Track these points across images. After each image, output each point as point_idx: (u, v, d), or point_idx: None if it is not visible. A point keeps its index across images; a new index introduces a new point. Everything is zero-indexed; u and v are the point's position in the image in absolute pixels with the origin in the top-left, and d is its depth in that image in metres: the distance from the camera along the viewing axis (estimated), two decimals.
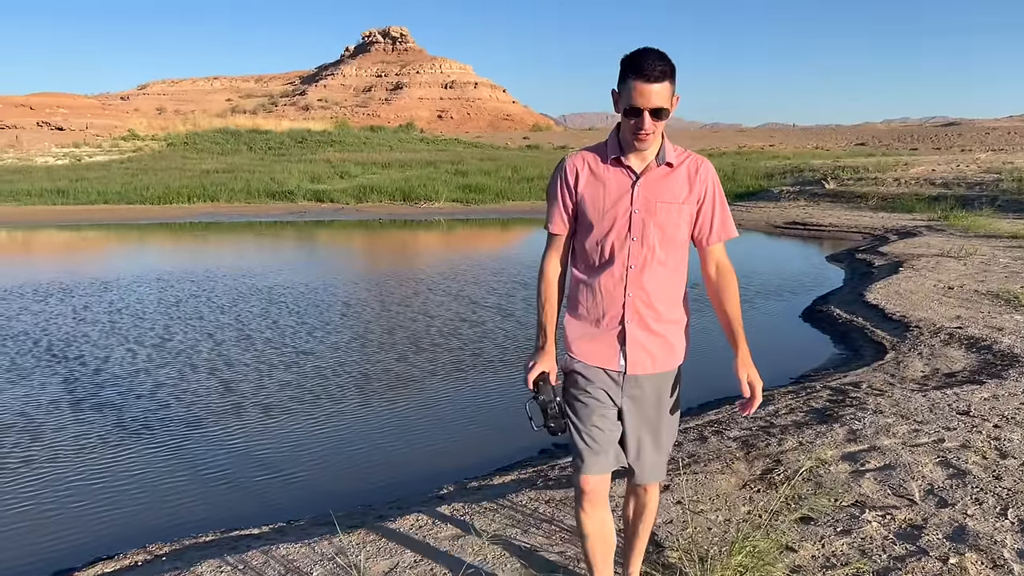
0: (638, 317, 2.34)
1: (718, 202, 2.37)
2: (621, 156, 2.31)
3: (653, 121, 2.19)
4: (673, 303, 2.39)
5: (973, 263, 10.83)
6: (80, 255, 16.97)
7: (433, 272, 12.97)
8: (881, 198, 21.46)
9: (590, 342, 2.39)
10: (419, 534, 3.44)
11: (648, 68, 2.13)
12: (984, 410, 4.80)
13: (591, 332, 2.39)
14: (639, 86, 2.15)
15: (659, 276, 2.33)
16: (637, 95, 2.15)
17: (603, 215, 2.32)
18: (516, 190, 27.66)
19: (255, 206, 25.99)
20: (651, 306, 2.34)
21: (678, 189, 2.32)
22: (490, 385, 6.67)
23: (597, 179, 2.34)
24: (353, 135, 55.31)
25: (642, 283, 2.32)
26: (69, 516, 4.35)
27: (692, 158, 2.37)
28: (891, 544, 3.16)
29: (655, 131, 2.22)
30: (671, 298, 2.38)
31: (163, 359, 7.46)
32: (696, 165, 2.35)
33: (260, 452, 5.26)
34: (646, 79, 2.13)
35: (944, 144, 57.52)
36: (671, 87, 2.19)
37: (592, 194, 2.34)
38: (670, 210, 2.30)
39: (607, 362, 2.36)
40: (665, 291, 2.35)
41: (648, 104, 2.16)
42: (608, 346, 2.37)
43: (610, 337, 2.36)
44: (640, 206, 2.29)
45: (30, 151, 43.27)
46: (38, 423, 5.74)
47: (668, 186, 2.31)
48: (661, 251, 2.31)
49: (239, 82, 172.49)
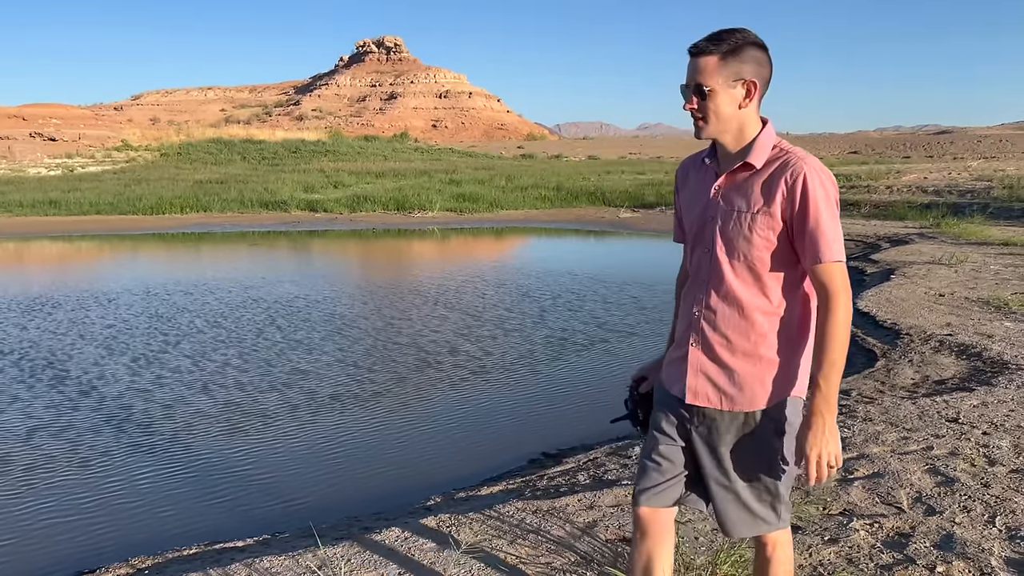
0: (703, 341, 2.04)
1: (813, 214, 1.89)
2: (713, 154, 2.05)
3: (698, 101, 1.93)
4: (751, 336, 1.99)
5: (964, 270, 10.85)
6: (71, 266, 16.90)
7: (423, 283, 12.94)
8: (873, 206, 21.53)
9: (669, 362, 2.18)
10: (404, 546, 3.41)
11: (695, 43, 1.94)
12: (973, 417, 4.79)
13: (674, 350, 2.17)
14: (688, 64, 1.95)
15: (730, 300, 1.99)
16: (687, 71, 1.96)
17: (687, 220, 2.11)
18: (510, 199, 27.64)
19: (248, 216, 25.94)
20: (718, 331, 2.01)
21: (756, 195, 1.94)
22: (478, 395, 6.64)
23: (690, 180, 2.14)
24: (347, 145, 55.31)
25: (709, 303, 2.01)
26: (50, 529, 4.30)
27: (787, 158, 1.94)
28: (879, 552, 3.14)
29: (705, 115, 1.94)
30: (747, 330, 1.99)
31: (147, 372, 7.41)
32: (789, 167, 1.92)
33: (244, 464, 5.21)
34: (689, 55, 1.95)
35: (936, 152, 57.84)
36: (722, 65, 1.90)
37: (686, 197, 2.14)
38: (739, 220, 1.95)
39: (673, 385, 2.12)
40: (736, 319, 1.99)
41: (690, 80, 1.94)
42: (676, 369, 2.12)
43: (680, 359, 2.10)
44: (712, 213, 2.01)
45: (22, 162, 43.17)
46: (19, 436, 5.69)
47: (745, 191, 1.96)
48: (732, 269, 1.97)
49: (233, 92, 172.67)
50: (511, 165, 45.37)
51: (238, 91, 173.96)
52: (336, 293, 11.87)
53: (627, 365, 7.48)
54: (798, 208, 1.90)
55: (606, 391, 6.61)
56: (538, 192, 28.75)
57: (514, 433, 5.74)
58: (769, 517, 2.07)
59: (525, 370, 7.32)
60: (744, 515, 2.07)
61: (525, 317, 9.67)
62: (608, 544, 3.35)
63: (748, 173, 1.97)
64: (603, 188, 28.19)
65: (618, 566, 3.10)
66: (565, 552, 3.28)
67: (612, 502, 3.81)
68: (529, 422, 5.99)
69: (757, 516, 2.07)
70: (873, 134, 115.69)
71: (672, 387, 2.13)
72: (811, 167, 1.91)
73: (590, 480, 4.28)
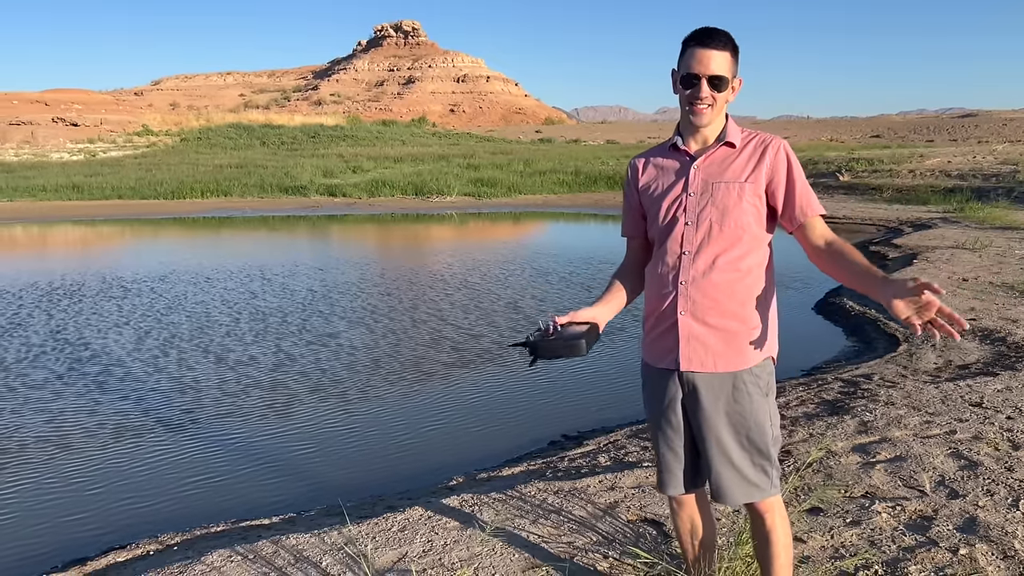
0: (692, 307, 2.13)
1: (799, 178, 2.15)
2: (679, 142, 2.21)
3: (711, 91, 2.08)
4: (737, 296, 2.13)
5: (988, 255, 10.73)
6: (95, 250, 17.10)
7: (446, 266, 12.99)
8: (896, 190, 21.30)
9: (652, 340, 2.25)
10: (428, 524, 3.46)
11: (708, 35, 2.07)
12: (997, 402, 4.77)
13: (654, 329, 2.24)
14: (697, 52, 2.07)
15: (719, 265, 2.12)
16: (695, 61, 2.07)
17: (660, 202, 2.21)
18: (528, 184, 27.63)
19: (268, 201, 26.09)
20: (708, 296, 2.12)
21: (740, 167, 2.14)
22: (499, 378, 6.68)
23: (655, 169, 2.27)
24: (365, 130, 55.44)
25: (697, 271, 2.13)
26: (82, 506, 4.39)
27: (760, 136, 2.20)
28: (900, 535, 3.14)
29: (714, 103, 2.10)
30: (735, 291, 2.13)
31: (175, 352, 7.51)
32: (765, 142, 2.17)
33: (271, 443, 5.29)
34: (704, 45, 2.06)
35: (961, 135, 56.97)
36: (732, 61, 2.10)
37: (651, 184, 2.26)
38: (729, 189, 2.12)
39: (663, 359, 2.20)
40: (726, 282, 2.12)
41: (706, 71, 2.06)
42: (664, 342, 2.20)
43: (667, 332, 2.19)
44: (696, 188, 2.15)
45: (45, 147, 43.62)
46: (53, 414, 5.80)
47: (729, 166, 2.16)
48: (720, 236, 2.12)
49: (252, 77, 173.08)
50: (529, 149, 45.25)
51: (256, 76, 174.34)
52: (358, 278, 11.94)
53: None
54: (785, 175, 2.15)
55: (626, 374, 6.62)
56: (556, 177, 28.70)
57: (535, 415, 5.77)
58: (762, 482, 2.19)
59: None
60: (739, 481, 2.17)
61: (546, 303, 9.69)
62: (630, 525, 3.38)
63: (728, 151, 2.18)
64: (621, 172, 28.03)
65: (640, 546, 3.13)
66: (587, 532, 3.31)
67: (633, 483, 3.83)
68: (550, 404, 6.02)
69: (751, 481, 2.17)
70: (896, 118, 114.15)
71: (660, 361, 2.22)
72: (785, 143, 2.20)
73: (611, 462, 4.31)
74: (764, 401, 2.17)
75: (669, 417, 2.24)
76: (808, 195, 2.16)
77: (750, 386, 2.15)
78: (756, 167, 2.14)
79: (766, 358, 2.21)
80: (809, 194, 2.16)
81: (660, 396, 2.25)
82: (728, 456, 2.16)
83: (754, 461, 2.17)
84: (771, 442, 2.18)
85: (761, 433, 2.16)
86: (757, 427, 2.16)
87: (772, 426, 2.19)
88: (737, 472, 2.16)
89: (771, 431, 2.19)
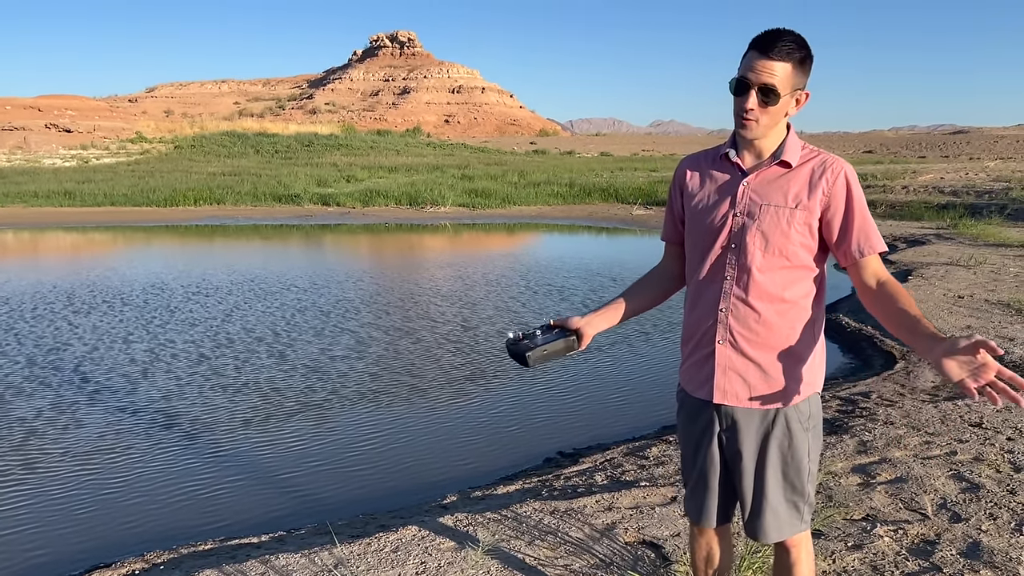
0: (731, 338, 2.00)
1: (860, 210, 1.94)
2: (732, 151, 2.02)
3: (761, 103, 1.88)
4: (780, 329, 1.98)
5: (983, 272, 10.73)
6: (85, 258, 16.97)
7: (440, 278, 12.92)
8: (889, 206, 21.35)
9: (689, 366, 2.12)
10: (421, 545, 3.38)
11: (770, 41, 1.85)
12: (997, 422, 4.72)
13: (692, 355, 2.11)
14: (754, 58, 1.87)
15: (762, 293, 1.96)
16: (748, 68, 1.87)
17: (703, 217, 2.04)
18: (522, 195, 27.57)
19: (261, 209, 25.97)
20: (749, 327, 1.98)
21: (794, 191, 1.94)
22: (494, 393, 6.60)
23: (704, 178, 2.08)
24: (360, 139, 55.35)
25: (738, 300, 1.98)
26: (67, 523, 4.30)
27: (820, 157, 1.97)
28: (903, 560, 3.08)
29: (763, 116, 1.89)
30: (778, 322, 1.98)
31: (162, 366, 7.42)
32: (824, 165, 1.95)
33: (260, 460, 5.20)
34: (763, 52, 1.85)
35: (952, 152, 57.32)
36: (794, 73, 1.87)
37: (696, 194, 2.08)
38: (778, 215, 1.93)
39: (699, 388, 2.08)
40: (768, 312, 1.97)
41: (757, 79, 1.86)
42: (702, 370, 2.07)
43: (704, 360, 2.06)
44: (743, 208, 1.97)
45: (38, 153, 43.43)
46: (36, 429, 5.70)
47: (780, 187, 1.95)
48: (764, 262, 1.95)
49: (246, 85, 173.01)
50: (523, 161, 45.28)
51: (251, 84, 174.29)
52: (351, 290, 11.86)
53: (644, 363, 7.44)
54: (844, 204, 1.94)
55: (623, 390, 6.56)
56: (551, 188, 28.67)
57: (530, 431, 5.70)
58: (795, 519, 2.08)
59: (540, 368, 7.28)
60: (772, 519, 2.05)
61: (541, 315, 9.63)
62: (628, 547, 3.31)
63: (782, 171, 1.98)
64: (616, 185, 28.05)
65: (638, 569, 3.06)
66: (584, 554, 3.24)
67: (630, 503, 3.77)
68: (545, 420, 5.95)
69: (784, 519, 2.06)
70: (888, 133, 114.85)
71: (698, 390, 2.09)
72: (848, 167, 1.96)
73: (608, 480, 4.24)
74: (805, 436, 2.05)
75: (705, 450, 2.12)
76: (867, 230, 1.95)
77: (792, 423, 2.02)
78: (811, 193, 1.94)
79: (811, 395, 2.06)
80: (868, 229, 1.95)
81: (697, 427, 2.13)
82: (765, 494, 2.05)
83: (788, 498, 2.06)
84: (807, 479, 2.07)
85: (799, 471, 2.05)
86: (795, 464, 2.04)
87: (811, 462, 2.07)
88: (772, 510, 2.06)
89: (808, 467, 2.06)
